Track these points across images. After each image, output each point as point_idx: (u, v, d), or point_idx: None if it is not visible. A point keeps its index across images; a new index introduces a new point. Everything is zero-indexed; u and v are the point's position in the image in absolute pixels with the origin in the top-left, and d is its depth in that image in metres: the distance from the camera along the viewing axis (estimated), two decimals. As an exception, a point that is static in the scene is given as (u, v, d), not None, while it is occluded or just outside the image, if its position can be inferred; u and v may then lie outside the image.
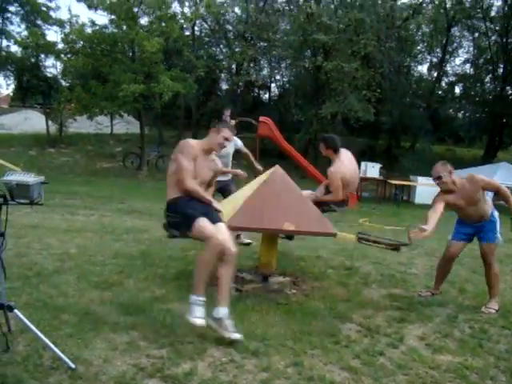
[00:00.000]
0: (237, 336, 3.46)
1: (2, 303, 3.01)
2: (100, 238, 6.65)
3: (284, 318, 3.98)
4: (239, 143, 6.68)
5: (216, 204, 3.98)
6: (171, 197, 3.80)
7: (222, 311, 3.54)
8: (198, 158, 3.86)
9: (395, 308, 4.49)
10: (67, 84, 18.09)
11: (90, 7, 14.67)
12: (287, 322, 3.90)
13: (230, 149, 6.52)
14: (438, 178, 4.56)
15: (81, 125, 19.38)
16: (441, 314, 4.40)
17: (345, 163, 5.15)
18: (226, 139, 3.99)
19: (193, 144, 3.88)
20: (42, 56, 17.76)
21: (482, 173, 5.22)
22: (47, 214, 7.91)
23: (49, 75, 18.97)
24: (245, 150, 6.77)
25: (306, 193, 5.28)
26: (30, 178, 2.94)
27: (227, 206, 4.57)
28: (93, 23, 15.16)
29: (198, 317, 3.51)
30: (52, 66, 19.35)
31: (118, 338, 3.43)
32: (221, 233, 3.61)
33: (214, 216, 3.76)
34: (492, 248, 4.61)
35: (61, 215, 8.00)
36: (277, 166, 5.05)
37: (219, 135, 3.95)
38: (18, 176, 2.94)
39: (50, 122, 18.49)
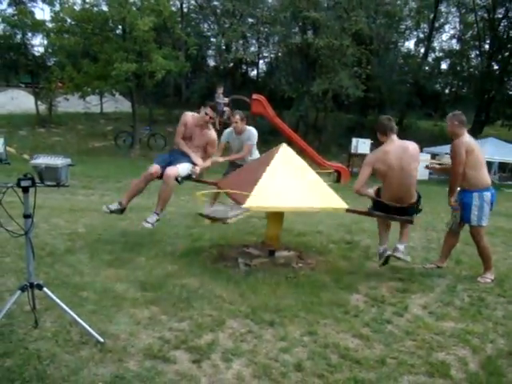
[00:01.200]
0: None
1: (31, 282, 3.15)
2: (105, 217, 6.73)
3: (294, 291, 4.18)
4: (252, 139, 6.71)
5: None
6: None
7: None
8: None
9: (397, 279, 4.72)
10: (55, 63, 17.83)
11: (80, -15, 14.51)
12: (297, 294, 4.10)
13: (244, 141, 6.71)
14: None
15: (69, 104, 19.15)
16: (440, 284, 4.65)
17: (390, 152, 4.67)
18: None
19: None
20: (29, 34, 17.49)
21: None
22: (49, 194, 7.95)
23: (37, 54, 18.75)
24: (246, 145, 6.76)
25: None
26: (59, 161, 3.05)
27: (241, 183, 4.78)
28: (84, 1, 14.97)
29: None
30: (40, 45, 19.15)
31: (139, 313, 3.60)
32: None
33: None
34: (476, 230, 4.82)
35: (62, 195, 8.06)
36: (284, 145, 5.22)
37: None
38: (47, 159, 3.05)
39: (39, 102, 18.32)
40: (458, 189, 4.87)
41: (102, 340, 3.09)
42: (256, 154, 6.81)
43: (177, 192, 5.12)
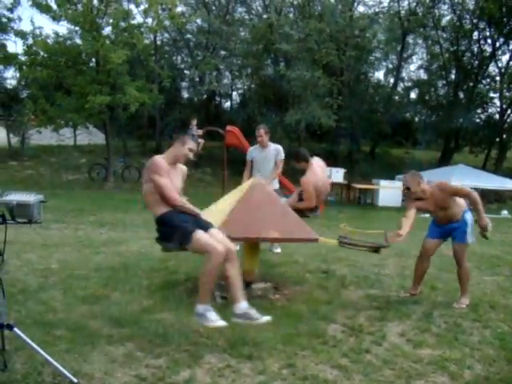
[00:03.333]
0: (267, 318, 3.76)
1: (1, 323, 3.06)
2: (79, 251, 6.67)
3: (271, 323, 4.12)
4: (282, 154, 6.93)
5: (203, 215, 4.12)
6: (161, 212, 3.87)
7: (243, 305, 3.73)
8: (170, 172, 3.97)
9: (374, 308, 4.74)
10: (28, 96, 17.72)
11: (53, 19, 14.48)
12: (275, 326, 4.06)
13: (267, 155, 6.88)
14: (407, 189, 4.87)
15: (42, 136, 18.93)
16: (416, 311, 4.67)
17: (316, 171, 5.46)
18: (191, 150, 4.11)
19: (161, 160, 3.95)
20: (1, 67, 17.40)
21: (440, 174, 5.59)
22: (20, 228, 7.80)
23: (9, 87, 18.62)
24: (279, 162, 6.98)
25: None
26: (31, 198, 3.01)
27: (212, 217, 4.72)
28: (57, 35, 15.00)
29: (215, 320, 3.66)
30: (12, 78, 19.03)
31: (114, 350, 3.53)
32: (217, 240, 3.74)
33: (204, 224, 3.91)
34: (462, 248, 4.90)
35: (34, 230, 7.90)
36: (257, 177, 5.26)
37: (184, 146, 4.07)
38: (19, 196, 3.01)
39: (11, 135, 18.12)
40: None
41: (75, 380, 3.00)
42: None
43: (151, 224, 5.05)
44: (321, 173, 5.57)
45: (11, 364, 3.19)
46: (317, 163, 5.59)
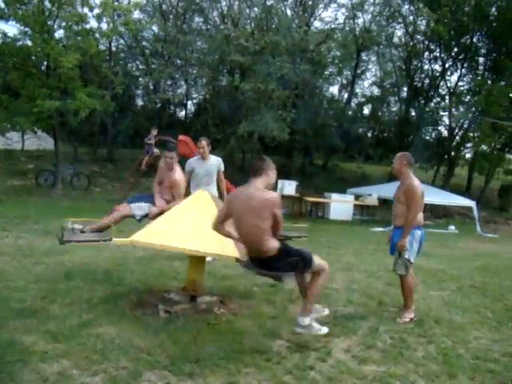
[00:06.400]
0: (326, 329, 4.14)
1: None
2: (18, 261, 6.36)
3: (215, 338, 4.05)
4: (222, 165, 7.15)
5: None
6: (278, 244, 3.96)
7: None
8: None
9: (321, 323, 4.69)
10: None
11: (1, 18, 13.96)
12: (219, 341, 3.98)
13: (209, 167, 7.00)
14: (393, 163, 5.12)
15: (-13, 140, 18.31)
16: (363, 326, 4.67)
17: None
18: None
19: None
20: None
21: (391, 188, 5.63)
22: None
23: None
24: (221, 172, 7.22)
25: None
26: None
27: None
28: (4, 35, 14.42)
29: (321, 327, 4.09)
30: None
31: (47, 367, 3.35)
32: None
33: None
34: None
35: (-29, 238, 7.56)
36: (200, 191, 5.23)
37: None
38: None
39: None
40: (392, 227, 5.12)
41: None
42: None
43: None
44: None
45: None
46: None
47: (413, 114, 24.96)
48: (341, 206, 16.18)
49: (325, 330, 4.08)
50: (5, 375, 3.17)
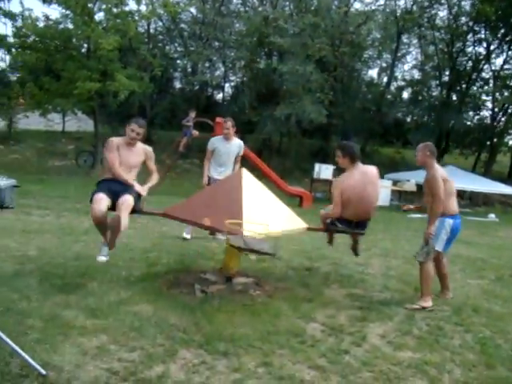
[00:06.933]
0: None
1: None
2: (59, 239, 6.52)
3: (250, 319, 4.06)
4: (242, 150, 7.29)
5: (138, 187, 4.93)
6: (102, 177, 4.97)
7: None
8: (121, 150, 4.91)
9: (356, 307, 4.66)
10: (16, 79, 17.43)
11: (44, 1, 14.21)
12: (254, 322, 3.99)
13: (231, 148, 7.10)
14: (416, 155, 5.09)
15: (30, 121, 18.69)
16: (399, 312, 4.60)
17: (354, 176, 5.09)
18: (132, 130, 4.85)
19: (113, 140, 4.95)
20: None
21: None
22: (0, 213, 7.67)
23: (-3, 69, 18.33)
24: (241, 154, 7.35)
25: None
26: (2, 182, 2.89)
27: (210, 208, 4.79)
28: (47, 18, 14.72)
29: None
30: (0, 60, 18.72)
31: (87, 342, 3.42)
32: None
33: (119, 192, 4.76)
34: None
35: (15, 215, 7.76)
36: (241, 169, 5.18)
37: (127, 128, 4.88)
38: (-11, 180, 2.89)
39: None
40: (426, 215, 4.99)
41: (44, 372, 2.89)
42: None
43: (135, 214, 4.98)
44: (359, 181, 5.04)
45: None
46: (362, 169, 5.19)
47: (454, 98, 24.31)
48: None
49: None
50: (48, 347, 3.26)
